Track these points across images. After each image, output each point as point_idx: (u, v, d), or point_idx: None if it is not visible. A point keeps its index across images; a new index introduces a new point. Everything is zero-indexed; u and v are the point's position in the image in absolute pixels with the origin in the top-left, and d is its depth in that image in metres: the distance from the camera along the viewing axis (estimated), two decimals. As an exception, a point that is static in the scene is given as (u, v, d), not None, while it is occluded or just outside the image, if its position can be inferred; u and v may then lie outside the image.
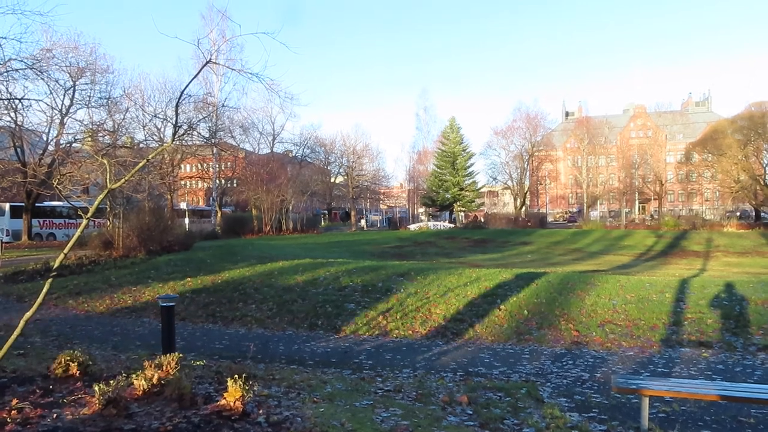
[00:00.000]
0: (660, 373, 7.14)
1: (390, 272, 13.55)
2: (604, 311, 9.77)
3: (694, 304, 9.85)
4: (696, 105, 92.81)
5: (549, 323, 9.42)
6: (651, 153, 64.34)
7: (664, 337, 8.63)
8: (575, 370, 7.18)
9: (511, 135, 66.44)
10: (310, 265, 15.43)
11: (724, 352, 7.99)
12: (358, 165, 65.47)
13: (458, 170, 65.77)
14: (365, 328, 9.79)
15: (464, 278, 12.57)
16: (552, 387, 6.40)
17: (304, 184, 53.28)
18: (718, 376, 6.94)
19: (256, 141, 54.78)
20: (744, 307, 9.52)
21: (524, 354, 8.09)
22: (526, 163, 65.82)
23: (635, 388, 4.71)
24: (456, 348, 8.58)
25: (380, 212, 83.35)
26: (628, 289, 11.00)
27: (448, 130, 67.57)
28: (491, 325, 9.54)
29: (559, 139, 74.59)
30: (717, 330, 8.72)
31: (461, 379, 6.56)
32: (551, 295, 10.79)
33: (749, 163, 50.18)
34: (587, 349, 8.29)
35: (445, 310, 10.34)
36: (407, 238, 42.93)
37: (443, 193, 65.40)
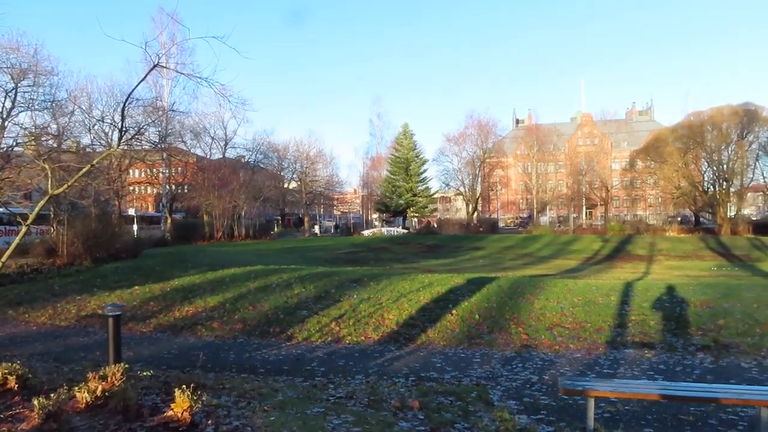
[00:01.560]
0: (606, 374, 7.35)
1: (343, 278, 13.52)
2: (553, 314, 10.00)
3: (638, 307, 10.19)
4: (639, 114, 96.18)
5: (500, 327, 9.57)
6: (597, 160, 66.38)
7: (609, 339, 8.89)
8: (525, 373, 7.32)
9: (464, 142, 67.32)
10: (263, 271, 15.25)
11: (665, 352, 8.29)
12: (311, 171, 65.08)
13: (411, 176, 66.27)
14: (318, 334, 9.73)
15: (417, 283, 12.66)
16: (502, 390, 6.51)
17: (257, 190, 52.60)
18: (659, 376, 7.19)
19: (208, 146, 53.75)
20: (684, 309, 9.90)
21: (475, 358, 8.19)
22: (477, 169, 66.79)
23: (581, 389, 4.84)
24: (408, 353, 8.62)
25: (334, 218, 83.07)
26: (575, 293, 11.29)
27: (402, 137, 68.03)
28: (443, 329, 9.63)
29: (510, 146, 76.06)
30: (659, 331, 9.04)
31: (413, 384, 6.60)
32: (502, 300, 10.98)
33: (689, 170, 52.31)
34: (536, 352, 8.46)
35: (397, 315, 10.38)
36: (361, 244, 42.95)
37: (397, 199, 65.74)
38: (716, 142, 50.22)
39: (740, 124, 49.16)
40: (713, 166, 51.66)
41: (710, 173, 52.81)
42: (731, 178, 50.31)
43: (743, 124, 49.20)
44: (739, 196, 52.42)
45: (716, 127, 50.02)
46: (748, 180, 52.65)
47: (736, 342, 8.38)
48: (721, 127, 49.73)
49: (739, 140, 49.56)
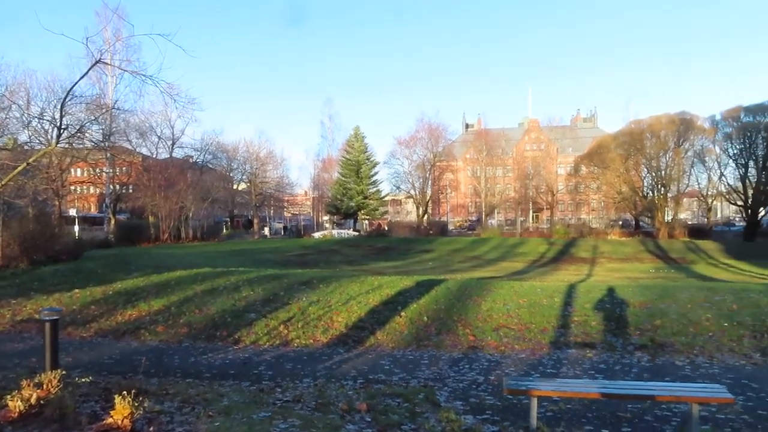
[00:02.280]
0: (549, 373, 7.55)
1: (292, 281, 13.41)
2: (499, 316, 10.19)
3: (580, 308, 10.50)
4: (584, 121, 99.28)
5: (447, 329, 9.69)
6: (544, 165, 67.99)
7: (553, 339, 9.13)
8: (471, 374, 7.43)
9: (414, 145, 67.83)
10: (210, 274, 14.96)
11: (606, 352, 8.57)
12: (261, 172, 64.33)
13: (362, 179, 66.35)
14: (266, 337, 9.62)
15: (366, 286, 12.68)
16: (449, 391, 6.59)
17: (205, 191, 51.59)
18: (600, 375, 7.43)
19: (154, 145, 52.42)
20: (624, 310, 10.26)
21: (423, 359, 8.27)
22: (428, 172, 67.40)
23: (525, 389, 4.95)
24: (357, 355, 8.62)
25: (284, 220, 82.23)
26: (521, 295, 11.54)
27: (353, 139, 68.05)
28: (392, 331, 9.68)
29: (460, 150, 77.11)
30: (600, 331, 9.34)
31: (361, 387, 6.61)
32: (450, 302, 11.11)
33: (630, 176, 54.29)
34: (483, 353, 8.61)
35: (347, 317, 10.37)
36: (311, 246, 42.69)
37: (347, 201, 65.68)
38: (655, 149, 52.31)
39: (677, 132, 51.34)
40: (652, 172, 53.77)
41: (649, 179, 54.97)
42: (669, 183, 52.48)
43: (680, 133, 51.40)
44: (676, 201, 54.76)
45: (655, 135, 52.12)
46: (684, 186, 55.05)
47: (671, 341, 8.75)
48: (660, 134, 51.84)
49: (676, 148, 51.75)
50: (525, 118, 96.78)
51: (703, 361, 7.99)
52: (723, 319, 9.41)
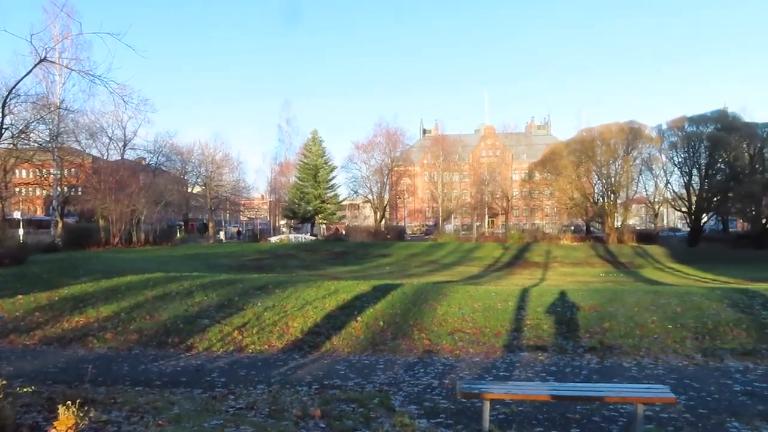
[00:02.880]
0: (502, 376, 7.66)
1: (247, 286, 13.24)
2: (454, 320, 10.29)
3: (533, 311, 10.70)
4: (538, 128, 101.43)
5: (403, 333, 9.73)
6: (499, 171, 69.25)
7: (506, 342, 9.28)
8: (426, 378, 7.49)
9: (372, 150, 68.04)
10: (162, 279, 14.63)
11: (557, 354, 8.76)
12: (217, 175, 63.28)
13: (320, 183, 66.08)
14: (220, 344, 9.46)
15: (323, 290, 12.62)
16: (404, 395, 6.62)
17: (158, 194, 50.40)
18: (551, 377, 7.59)
19: (105, 147, 50.85)
20: (574, 313, 10.50)
21: (379, 364, 8.28)
22: (385, 177, 67.67)
23: (477, 392, 5.02)
24: (313, 361, 8.58)
25: (240, 224, 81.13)
26: (476, 299, 11.68)
27: (311, 143, 67.73)
28: (348, 336, 9.66)
29: (417, 156, 77.72)
30: (551, 335, 9.54)
31: (316, 392, 6.57)
32: (406, 306, 11.17)
33: (581, 182, 55.77)
34: (438, 357, 8.68)
35: (302, 323, 10.30)
36: (267, 251, 42.25)
37: (305, 206, 65.26)
38: (605, 156, 53.92)
39: (626, 140, 53.07)
40: (602, 179, 55.39)
41: (600, 185, 56.61)
42: (618, 190, 54.13)
43: (629, 141, 53.14)
44: (625, 207, 56.55)
45: (605, 143, 53.72)
46: (632, 192, 56.96)
47: (619, 343, 9.00)
48: (610, 143, 53.46)
49: (625, 156, 53.46)
50: (481, 125, 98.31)
51: (648, 363, 8.26)
52: (667, 321, 9.74)
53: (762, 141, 49.80)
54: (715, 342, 8.91)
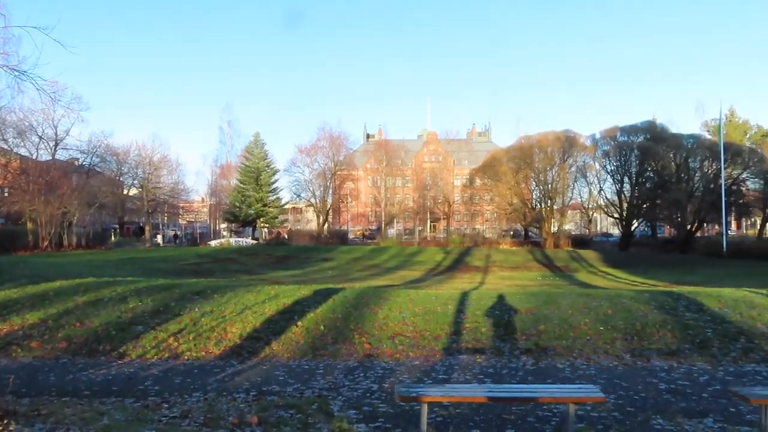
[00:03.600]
0: (441, 379, 7.76)
1: (185, 291, 12.89)
2: (395, 324, 10.34)
3: (472, 315, 10.88)
4: (479, 135, 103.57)
5: (344, 337, 9.71)
6: (441, 176, 70.21)
7: (445, 346, 9.40)
8: (366, 382, 7.49)
9: (315, 153, 67.75)
10: (94, 284, 14.04)
11: (494, 356, 8.94)
12: (155, 177, 61.42)
13: (262, 186, 65.21)
14: (154, 351, 9.17)
15: (263, 295, 12.43)
16: (343, 400, 6.60)
17: (92, 196, 48.51)
18: (488, 379, 7.74)
19: (35, 146, 48.47)
20: (512, 316, 10.75)
21: (319, 369, 8.23)
22: (329, 181, 67.49)
23: (415, 395, 5.06)
24: (251, 367, 8.43)
25: (179, 227, 79.01)
26: (416, 302, 11.77)
27: (253, 145, 66.77)
28: (288, 341, 9.55)
29: (361, 160, 77.84)
30: (490, 337, 9.73)
31: (254, 399, 6.46)
32: (347, 310, 11.14)
33: (520, 188, 57.29)
34: (378, 361, 8.70)
35: (241, 328, 10.11)
36: (207, 255, 41.34)
37: (246, 209, 64.22)
38: (543, 163, 55.62)
39: (562, 148, 54.89)
40: (540, 186, 57.10)
41: (538, 192, 58.33)
42: (555, 196, 55.91)
43: (564, 149, 55.00)
44: (561, 213, 58.51)
45: (543, 151, 55.43)
46: (568, 199, 58.92)
47: (553, 345, 9.28)
48: (547, 150, 55.19)
49: (561, 163, 55.29)
50: (424, 131, 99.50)
51: (581, 363, 8.55)
52: (599, 323, 10.11)
53: (687, 151, 52.49)
54: (642, 343, 9.32)
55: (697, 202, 49.98)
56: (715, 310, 10.78)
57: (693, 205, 50.27)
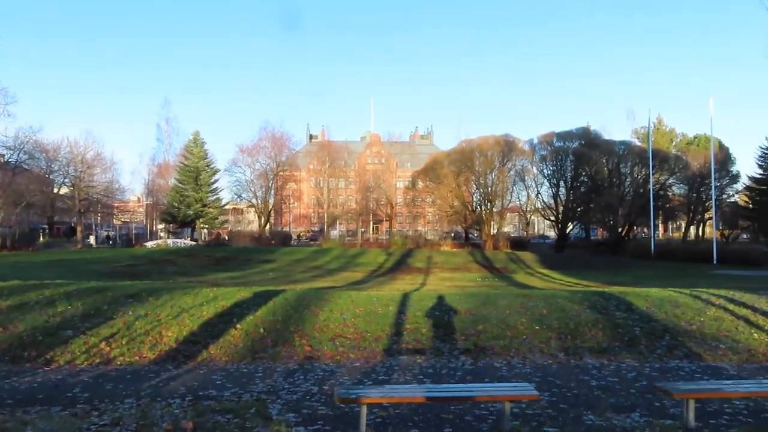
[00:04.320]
0: (381, 380, 7.79)
1: (118, 293, 12.43)
2: (336, 326, 10.31)
3: (413, 316, 10.98)
4: (421, 138, 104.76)
5: (284, 340, 9.61)
6: (384, 178, 70.59)
7: (386, 347, 9.45)
8: (306, 385, 7.43)
9: (257, 153, 66.80)
10: (19, 287, 13.34)
11: (434, 357, 9.05)
12: (87, 175, 58.89)
13: (201, 186, 63.67)
14: (84, 356, 8.80)
15: (201, 298, 12.14)
16: (282, 403, 6.53)
17: (18, 194, 46.15)
18: (428, 379, 7.82)
19: (-45, 142, 45.70)
20: (451, 317, 10.91)
21: (258, 372, 8.11)
22: (271, 182, 66.68)
23: (355, 397, 5.07)
24: (187, 371, 8.22)
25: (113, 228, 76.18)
26: (357, 304, 11.78)
27: (192, 144, 65.08)
28: (226, 345, 9.37)
29: (303, 161, 77.23)
30: (430, 338, 9.85)
31: (189, 404, 6.30)
32: (287, 312, 11.03)
33: (461, 191, 58.27)
34: (319, 363, 8.65)
35: (177, 332, 9.85)
36: (143, 256, 40.06)
37: (185, 209, 62.55)
38: (483, 167, 56.79)
39: (502, 152, 56.21)
40: (480, 189, 58.29)
41: (478, 195, 59.54)
42: (494, 199, 57.15)
43: (504, 153, 56.33)
44: (501, 215, 59.93)
45: (483, 154, 56.61)
46: (507, 202, 60.45)
47: (491, 345, 9.48)
48: (487, 154, 56.39)
49: (501, 167, 56.59)
50: (367, 132, 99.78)
51: (517, 362, 8.77)
52: (535, 323, 10.40)
53: (618, 157, 54.79)
54: (575, 341, 9.65)
55: (628, 206, 52.18)
56: (642, 309, 11.28)
57: (624, 209, 52.44)
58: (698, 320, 10.63)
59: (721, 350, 9.33)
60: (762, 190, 45.46)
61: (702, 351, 9.30)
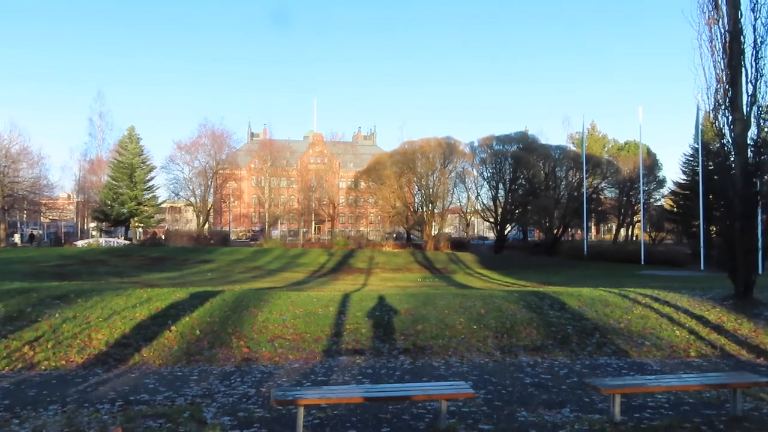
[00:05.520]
0: (320, 381, 7.75)
1: (43, 295, 11.85)
2: (275, 327, 10.19)
3: (353, 316, 10.97)
4: (364, 138, 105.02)
5: (221, 342, 9.42)
6: (326, 178, 70.14)
7: (326, 347, 9.41)
8: (242, 387, 7.31)
9: (196, 151, 65.15)
10: (-67, 289, 12.54)
11: (374, 357, 9.08)
12: (12, 170, 55.85)
13: (137, 183, 61.57)
14: (5, 361, 8.34)
15: (134, 299, 11.74)
16: (218, 407, 6.38)
17: (-67, 190, 43.29)
18: (367, 380, 7.84)
19: None
20: (391, 317, 10.97)
21: (193, 375, 7.91)
22: (210, 180, 65.19)
23: (292, 399, 5.02)
24: (118, 375, 7.93)
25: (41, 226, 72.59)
26: (297, 305, 11.67)
27: (127, 140, 62.82)
28: (160, 347, 9.10)
29: (244, 159, 75.87)
30: (369, 338, 9.87)
31: (119, 410, 6.08)
32: (225, 314, 10.81)
33: (403, 192, 58.69)
34: (257, 365, 8.52)
35: (108, 335, 9.48)
36: (73, 256, 38.38)
37: (119, 207, 60.34)
38: (425, 168, 57.42)
39: (443, 154, 56.99)
40: (422, 190, 58.90)
41: (420, 196, 60.11)
42: (436, 200, 57.86)
43: (445, 155, 57.15)
44: (442, 216, 60.75)
45: (425, 156, 57.22)
46: (448, 203, 61.31)
47: (430, 344, 9.59)
48: (429, 156, 57.03)
49: (442, 169, 57.37)
50: (310, 132, 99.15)
51: (455, 361, 8.91)
52: (473, 322, 10.60)
53: (554, 161, 56.54)
54: (511, 340, 9.90)
55: (563, 209, 53.90)
56: (575, 308, 11.69)
57: (559, 211, 54.13)
58: (626, 318, 11.10)
59: (646, 347, 9.79)
60: (685, 194, 47.80)
61: (629, 348, 9.72)
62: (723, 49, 12.17)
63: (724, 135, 12.52)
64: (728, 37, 12.08)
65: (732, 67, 12.07)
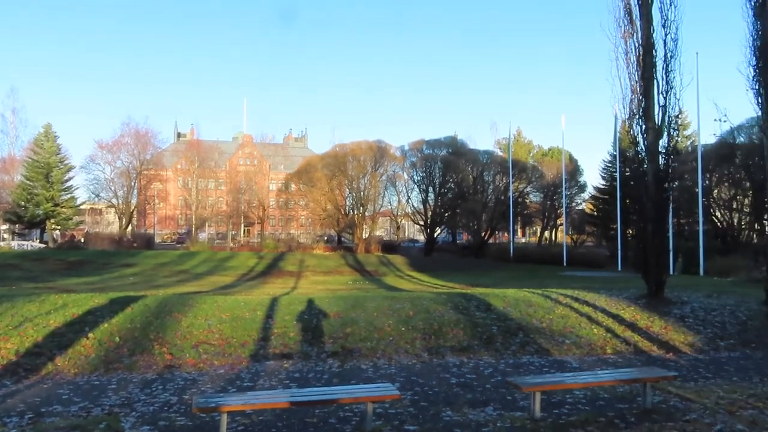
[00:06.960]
0: (246, 387, 7.62)
1: (-55, 303, 11.05)
2: (200, 332, 9.93)
3: (281, 320, 10.85)
4: (295, 140, 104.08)
5: (142, 349, 9.09)
6: (256, 180, 68.99)
7: (253, 352, 9.26)
8: (164, 395, 7.09)
9: (119, 150, 62.56)
10: None
11: (301, 361, 9.03)
12: None
13: (53, 184, 58.33)
14: None
15: (48, 305, 11.12)
16: (137, 416, 6.17)
17: None
18: (294, 384, 7.78)
19: None
20: (320, 320, 10.93)
21: (111, 384, 7.59)
22: (133, 181, 62.77)
23: (214, 406, 4.92)
24: (29, 386, 7.50)
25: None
26: (224, 309, 11.42)
27: (43, 138, 59.43)
28: (76, 356, 8.68)
29: (170, 160, 73.45)
30: (298, 342, 9.80)
31: (29, 423, 5.77)
32: (147, 319, 10.44)
33: (334, 194, 58.57)
34: (180, 372, 8.29)
35: (18, 343, 8.95)
36: (-20, 261, 35.90)
37: (33, 209, 56.96)
38: (356, 171, 57.55)
39: (374, 158, 57.33)
40: (353, 193, 58.97)
41: (351, 199, 60.12)
42: (366, 203, 58.11)
43: (376, 158, 57.51)
44: (373, 219, 61.09)
45: (356, 159, 57.38)
46: (379, 206, 61.73)
47: (359, 347, 9.63)
48: (360, 159, 57.23)
49: (373, 172, 57.70)
50: (239, 133, 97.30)
51: (383, 363, 8.99)
52: (401, 324, 10.72)
53: (482, 166, 58.05)
54: (439, 341, 10.08)
55: (490, 212, 55.37)
56: (500, 309, 12.04)
57: (487, 215, 55.57)
58: (548, 318, 11.55)
59: (566, 345, 10.22)
60: (605, 199, 50.13)
61: (551, 346, 10.11)
62: (637, 62, 12.93)
63: (638, 143, 13.29)
64: (642, 51, 12.84)
65: (645, 79, 12.83)
